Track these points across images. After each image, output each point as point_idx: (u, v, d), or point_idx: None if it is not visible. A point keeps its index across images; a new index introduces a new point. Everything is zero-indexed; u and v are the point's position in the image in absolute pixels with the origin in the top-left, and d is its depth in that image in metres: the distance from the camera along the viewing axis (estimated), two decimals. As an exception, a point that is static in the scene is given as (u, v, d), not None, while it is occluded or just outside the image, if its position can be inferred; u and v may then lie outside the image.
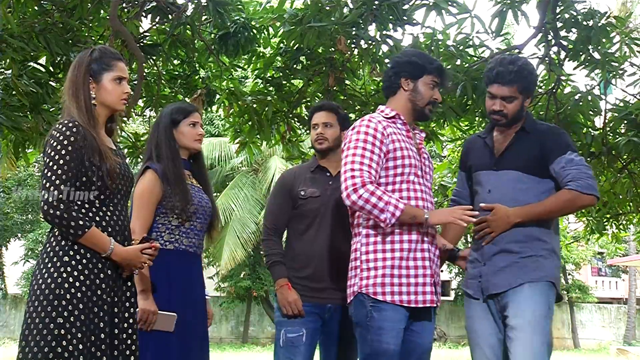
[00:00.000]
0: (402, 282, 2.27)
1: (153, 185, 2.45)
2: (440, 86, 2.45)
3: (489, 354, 2.38)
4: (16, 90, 3.72)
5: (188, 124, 2.57)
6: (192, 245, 2.51)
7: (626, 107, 4.27)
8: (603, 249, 19.95)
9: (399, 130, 2.40)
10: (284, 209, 2.75)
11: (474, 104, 4.16)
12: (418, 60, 2.40)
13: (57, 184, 1.97)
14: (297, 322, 2.64)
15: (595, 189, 2.35)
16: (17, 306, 17.53)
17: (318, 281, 2.66)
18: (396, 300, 2.25)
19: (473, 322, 2.45)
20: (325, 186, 2.74)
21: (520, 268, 2.33)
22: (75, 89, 2.10)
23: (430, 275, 2.31)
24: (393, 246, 2.29)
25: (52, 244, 2.01)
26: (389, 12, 3.91)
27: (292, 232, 2.77)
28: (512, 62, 2.42)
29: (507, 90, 2.40)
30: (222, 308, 17.60)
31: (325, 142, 2.77)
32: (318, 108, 2.86)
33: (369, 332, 2.27)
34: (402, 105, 2.43)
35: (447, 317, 19.81)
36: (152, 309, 2.35)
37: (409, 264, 2.28)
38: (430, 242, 2.35)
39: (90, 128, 2.06)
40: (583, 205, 2.41)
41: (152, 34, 4.51)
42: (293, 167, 2.94)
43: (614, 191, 5.29)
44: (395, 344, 2.25)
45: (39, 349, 1.91)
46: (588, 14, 3.95)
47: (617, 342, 19.58)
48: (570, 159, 2.35)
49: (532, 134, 2.44)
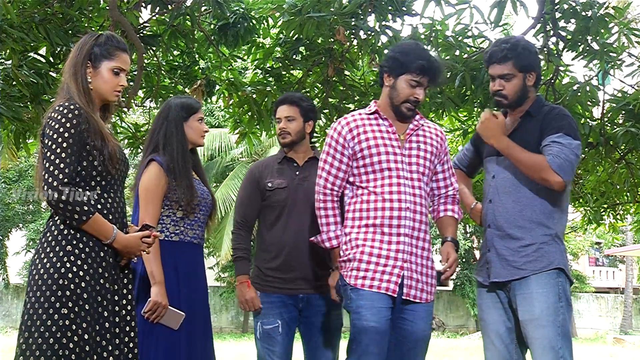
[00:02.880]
0: (369, 269, 2.30)
1: (159, 179, 2.47)
2: (429, 84, 2.42)
3: (497, 343, 2.39)
4: (16, 80, 3.72)
5: (196, 120, 2.60)
6: (196, 237, 2.54)
7: (624, 98, 4.27)
8: (600, 239, 20.02)
9: (378, 125, 2.42)
10: (252, 201, 2.78)
11: (473, 95, 4.17)
12: (400, 57, 2.38)
13: (62, 168, 1.92)
14: (272, 313, 2.68)
15: (566, 172, 2.26)
16: (19, 296, 17.62)
17: (289, 271, 2.70)
18: (359, 284, 2.29)
19: (482, 311, 2.47)
20: (292, 177, 2.77)
21: (522, 257, 2.31)
22: (74, 70, 2.07)
23: (400, 267, 2.30)
24: (367, 236, 2.33)
25: (52, 231, 1.96)
26: (388, 2, 3.91)
27: (263, 223, 2.81)
28: (506, 40, 2.42)
29: (501, 68, 2.39)
30: (223, 298, 17.68)
31: (287, 136, 2.80)
32: (280, 102, 2.86)
33: (351, 314, 2.31)
34: (383, 100, 2.46)
35: (445, 307, 19.92)
36: (163, 303, 2.37)
37: (381, 253, 2.31)
38: (408, 235, 2.33)
39: (90, 110, 2.02)
40: (547, 180, 2.28)
41: (151, 24, 4.51)
42: (261, 160, 2.97)
43: (611, 181, 5.31)
44: (376, 322, 2.26)
45: (44, 340, 1.88)
46: (586, 4, 3.95)
47: (614, 331, 19.71)
48: (558, 140, 2.29)
49: (536, 117, 2.40)
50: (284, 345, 2.69)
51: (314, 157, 2.82)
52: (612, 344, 15.59)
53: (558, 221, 2.37)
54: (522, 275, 2.31)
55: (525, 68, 2.39)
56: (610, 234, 10.94)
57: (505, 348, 2.38)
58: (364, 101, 4.49)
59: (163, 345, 2.38)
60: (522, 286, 2.31)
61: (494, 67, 2.41)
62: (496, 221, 2.39)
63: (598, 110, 4.58)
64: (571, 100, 4.10)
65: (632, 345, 14.68)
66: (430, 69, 2.37)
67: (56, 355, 1.88)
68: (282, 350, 2.69)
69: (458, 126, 5.58)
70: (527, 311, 2.29)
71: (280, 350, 2.68)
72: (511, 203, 2.37)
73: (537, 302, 2.27)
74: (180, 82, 4.89)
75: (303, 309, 2.72)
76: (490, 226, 2.42)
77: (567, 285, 2.34)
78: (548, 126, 2.34)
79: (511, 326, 2.38)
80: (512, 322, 2.38)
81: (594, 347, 14.14)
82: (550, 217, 2.35)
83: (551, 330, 2.25)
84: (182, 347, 2.41)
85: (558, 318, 2.27)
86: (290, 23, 3.93)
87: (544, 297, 2.27)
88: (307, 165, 2.81)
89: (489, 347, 2.42)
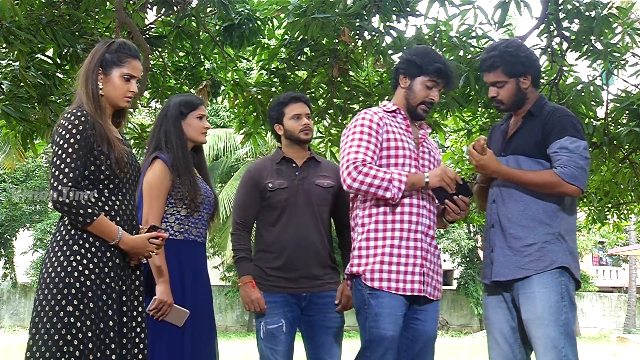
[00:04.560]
0: (392, 270, 2.31)
1: (163, 176, 2.47)
2: (443, 87, 2.47)
3: (501, 342, 2.40)
4: (24, 81, 3.75)
5: (195, 117, 2.59)
6: (200, 235, 2.55)
7: (628, 98, 4.27)
8: (604, 239, 20.00)
9: (399, 124, 2.45)
10: (252, 202, 2.78)
11: (477, 95, 4.18)
12: (417, 59, 2.42)
13: (67, 172, 1.98)
14: (275, 313, 2.68)
15: (580, 180, 2.27)
16: (27, 295, 17.72)
17: (291, 271, 2.70)
18: (384, 287, 2.30)
19: (487, 311, 2.48)
20: (292, 177, 2.78)
21: (525, 257, 2.31)
22: (86, 77, 2.11)
23: (420, 265, 2.34)
24: (385, 234, 2.34)
25: (61, 232, 2.02)
26: (392, 3, 3.92)
27: (262, 224, 2.80)
28: (495, 47, 2.43)
29: (492, 76, 2.41)
30: (228, 297, 17.71)
31: (310, 132, 2.82)
32: (296, 98, 2.85)
33: (367, 319, 2.32)
34: (399, 101, 2.49)
35: (449, 306, 19.92)
36: (168, 301, 2.39)
37: (400, 252, 2.33)
38: (424, 233, 2.38)
39: (97, 117, 2.06)
40: (564, 193, 2.31)
41: (157, 25, 4.54)
42: (258, 161, 2.96)
43: (615, 181, 5.32)
44: (394, 330, 2.29)
45: (49, 337, 1.93)
46: (590, 4, 3.95)
47: (617, 330, 19.67)
48: (565, 145, 2.29)
49: (538, 117, 2.39)
50: (287, 344, 2.70)
51: (312, 158, 2.84)
52: (615, 343, 15.58)
53: (563, 220, 2.35)
54: (524, 275, 2.31)
55: (515, 73, 2.38)
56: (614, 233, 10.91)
57: (509, 348, 2.39)
58: (369, 101, 4.51)
59: (167, 342, 2.39)
60: (525, 286, 2.31)
61: (486, 74, 2.44)
62: (499, 221, 2.40)
63: (602, 110, 4.59)
64: (575, 100, 4.10)
65: (636, 344, 14.66)
66: (446, 72, 2.43)
67: (60, 352, 1.93)
68: (286, 349, 2.70)
69: (462, 126, 5.60)
70: (530, 310, 2.29)
71: (284, 350, 2.69)
72: (514, 203, 2.37)
73: (539, 301, 2.27)
74: (185, 83, 4.91)
75: (305, 307, 2.73)
76: (493, 226, 2.43)
77: (571, 284, 2.33)
78: (552, 129, 2.33)
79: (515, 326, 2.38)
80: (517, 321, 2.38)
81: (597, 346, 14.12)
82: (554, 216, 2.34)
83: (553, 330, 2.25)
84: (185, 344, 2.42)
85: (560, 317, 2.26)
86: (295, 24, 3.95)
87: (546, 296, 2.27)
88: (306, 166, 2.82)
89: (493, 347, 2.43)
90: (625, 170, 5.09)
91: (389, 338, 2.27)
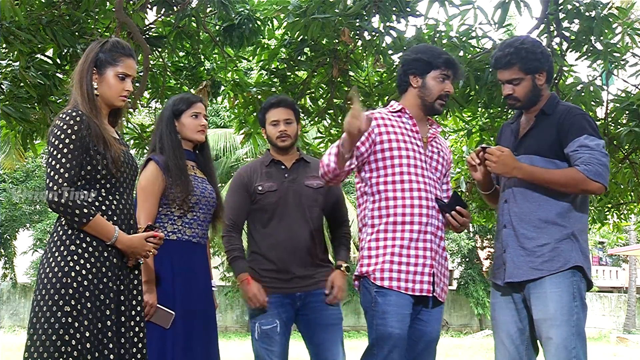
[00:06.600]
0: (401, 270, 2.32)
1: (155, 177, 2.48)
2: (453, 78, 2.45)
3: (507, 343, 2.38)
4: (24, 81, 3.75)
5: (190, 115, 2.57)
6: (195, 236, 2.53)
7: (628, 98, 4.28)
8: (604, 239, 20.00)
9: (403, 123, 2.44)
10: (242, 205, 2.79)
11: (477, 95, 4.19)
12: (424, 57, 2.41)
13: (62, 173, 1.97)
14: (269, 314, 2.69)
15: (604, 177, 2.23)
16: (27, 295, 17.72)
17: (284, 272, 2.71)
18: (394, 286, 2.30)
19: (494, 311, 2.46)
20: (281, 179, 2.79)
21: (538, 257, 2.29)
22: (80, 77, 2.10)
23: (430, 266, 2.35)
24: (395, 235, 2.34)
25: (58, 232, 2.02)
26: (392, 3, 3.92)
27: (254, 226, 2.81)
28: (510, 44, 2.39)
29: (508, 73, 2.37)
30: (228, 297, 17.72)
31: (288, 139, 2.80)
32: (276, 104, 2.83)
33: (374, 317, 2.32)
34: (412, 101, 2.47)
35: (449, 306, 19.90)
36: (151, 302, 2.38)
37: (409, 253, 2.33)
38: (434, 234, 2.38)
39: (93, 117, 2.06)
40: (588, 190, 2.26)
41: (157, 25, 4.54)
42: (248, 164, 2.97)
43: (615, 181, 5.32)
44: (401, 329, 2.29)
45: (47, 337, 1.93)
46: (590, 4, 3.96)
47: (617, 330, 19.69)
48: (585, 143, 2.25)
49: (551, 116, 2.35)
50: (282, 345, 2.71)
51: (301, 159, 2.85)
52: (615, 343, 15.59)
53: (575, 220, 2.32)
54: (538, 276, 2.28)
55: (532, 70, 2.36)
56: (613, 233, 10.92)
57: (515, 349, 2.37)
58: (369, 102, 4.51)
59: (155, 342, 2.36)
60: (537, 286, 2.29)
61: (501, 72, 2.40)
62: (511, 221, 2.37)
63: (602, 110, 4.60)
64: (575, 100, 4.10)
65: (636, 344, 14.67)
66: (453, 62, 2.44)
67: (58, 352, 1.93)
68: (281, 349, 2.70)
69: (462, 126, 5.60)
70: (541, 310, 2.27)
71: (279, 350, 2.70)
72: (526, 203, 2.34)
73: (551, 301, 2.25)
74: (185, 83, 4.91)
75: (300, 307, 2.74)
76: (505, 226, 2.40)
77: (583, 285, 2.30)
78: (570, 128, 2.30)
79: (523, 327, 2.37)
80: (525, 323, 2.37)
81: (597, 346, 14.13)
82: (566, 215, 2.31)
83: (565, 330, 2.23)
84: (175, 346, 2.40)
85: (572, 318, 2.25)
86: (295, 24, 3.95)
87: (557, 296, 2.25)
88: (295, 167, 2.82)
89: (499, 347, 2.42)
90: (625, 170, 5.10)
91: (396, 336, 2.28)
